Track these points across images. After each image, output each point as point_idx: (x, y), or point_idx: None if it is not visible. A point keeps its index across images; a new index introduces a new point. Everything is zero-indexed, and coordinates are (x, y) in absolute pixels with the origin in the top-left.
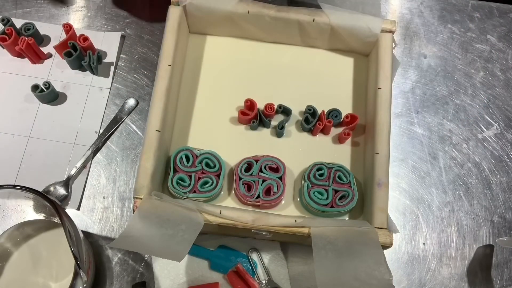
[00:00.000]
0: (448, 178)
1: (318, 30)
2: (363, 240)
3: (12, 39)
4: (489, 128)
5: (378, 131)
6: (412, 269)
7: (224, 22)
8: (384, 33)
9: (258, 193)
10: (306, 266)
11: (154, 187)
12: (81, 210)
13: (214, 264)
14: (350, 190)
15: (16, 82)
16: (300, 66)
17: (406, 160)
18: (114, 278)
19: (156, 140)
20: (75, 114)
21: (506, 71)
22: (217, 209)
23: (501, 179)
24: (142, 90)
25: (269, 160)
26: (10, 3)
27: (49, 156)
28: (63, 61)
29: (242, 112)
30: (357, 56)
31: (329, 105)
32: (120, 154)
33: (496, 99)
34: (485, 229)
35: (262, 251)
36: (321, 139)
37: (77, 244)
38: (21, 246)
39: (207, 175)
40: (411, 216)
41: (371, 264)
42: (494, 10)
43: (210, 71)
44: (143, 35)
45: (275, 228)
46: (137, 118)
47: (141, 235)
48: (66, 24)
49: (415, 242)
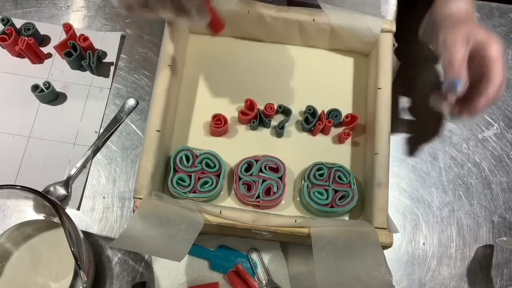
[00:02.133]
0: (448, 178)
1: (318, 30)
2: (363, 240)
3: (12, 39)
4: (489, 128)
5: (378, 131)
6: (412, 269)
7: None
8: (384, 33)
9: (258, 193)
10: (306, 266)
11: (154, 187)
12: (81, 210)
13: (214, 264)
14: (350, 190)
15: (16, 82)
16: (300, 66)
17: (406, 160)
18: (114, 278)
19: (156, 140)
20: (75, 114)
21: (506, 71)
22: (217, 209)
23: (501, 179)
24: (142, 90)
25: (269, 160)
26: (10, 3)
27: (49, 156)
28: (63, 61)
29: (242, 112)
30: (357, 56)
31: (329, 105)
32: (120, 154)
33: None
34: (485, 229)
35: (262, 251)
36: (321, 139)
37: (77, 244)
38: (21, 246)
39: (207, 175)
40: (411, 216)
41: (371, 264)
42: (494, 10)
43: (210, 71)
44: (143, 35)
45: (275, 228)
46: (137, 118)
47: (141, 235)
48: (66, 24)
49: (415, 242)
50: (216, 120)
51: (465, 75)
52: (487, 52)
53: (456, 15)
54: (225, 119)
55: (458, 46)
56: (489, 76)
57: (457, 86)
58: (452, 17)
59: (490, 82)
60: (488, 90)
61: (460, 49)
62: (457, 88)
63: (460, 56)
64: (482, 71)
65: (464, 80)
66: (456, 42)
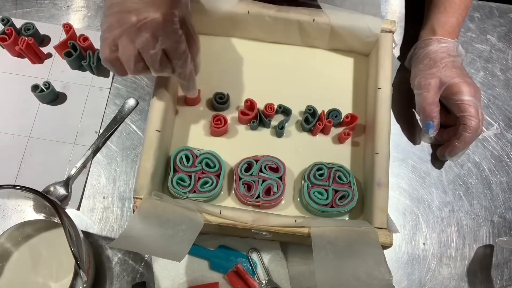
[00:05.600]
0: (448, 178)
1: (318, 30)
2: (363, 240)
3: (12, 39)
4: (489, 128)
5: (378, 131)
6: (412, 269)
7: (224, 22)
8: (384, 33)
9: (258, 193)
10: (306, 266)
11: (154, 187)
12: (81, 210)
13: (214, 264)
14: (350, 190)
15: (16, 82)
16: (300, 66)
17: (406, 160)
18: (114, 278)
19: (156, 140)
20: (75, 114)
21: (506, 71)
22: (217, 209)
23: (501, 179)
24: (142, 90)
25: (269, 160)
26: (10, 3)
27: (49, 156)
28: (63, 61)
29: (242, 112)
30: (357, 56)
31: (329, 105)
32: (120, 154)
33: (496, 99)
34: (485, 229)
35: (262, 251)
36: (321, 139)
37: (77, 244)
38: (21, 246)
39: (207, 175)
40: (411, 216)
41: (371, 264)
42: (494, 10)
43: (210, 71)
44: None
45: (275, 228)
46: (137, 118)
47: (141, 235)
48: (66, 24)
49: (415, 242)
50: (216, 120)
51: (437, 118)
52: (459, 96)
53: (435, 54)
54: (225, 119)
55: (431, 91)
56: (464, 121)
57: (430, 129)
58: (430, 57)
59: (465, 127)
60: (464, 134)
61: (432, 95)
62: (430, 131)
63: (431, 101)
64: (459, 114)
65: (436, 122)
66: (429, 88)
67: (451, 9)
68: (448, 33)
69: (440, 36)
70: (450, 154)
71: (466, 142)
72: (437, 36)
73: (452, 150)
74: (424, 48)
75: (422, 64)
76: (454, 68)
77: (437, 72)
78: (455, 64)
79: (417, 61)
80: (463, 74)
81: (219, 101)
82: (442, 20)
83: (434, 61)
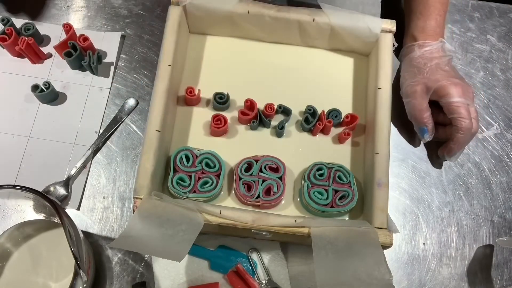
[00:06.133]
0: (448, 178)
1: (318, 30)
2: (363, 240)
3: (12, 39)
4: (489, 128)
5: (378, 131)
6: (412, 269)
7: (224, 22)
8: (384, 33)
9: (258, 193)
10: (306, 266)
11: (154, 187)
12: (81, 210)
13: (214, 264)
14: (350, 190)
15: (16, 82)
16: (300, 66)
17: (406, 160)
18: (114, 278)
19: (156, 140)
20: (75, 114)
21: (506, 71)
22: (217, 209)
23: (501, 179)
24: (142, 90)
25: (269, 160)
26: (10, 3)
27: (49, 156)
28: (63, 61)
29: (242, 112)
30: (357, 56)
31: (329, 105)
32: (120, 154)
33: (496, 99)
34: (485, 229)
35: (262, 251)
36: (321, 139)
37: (77, 244)
38: (21, 246)
39: (207, 175)
40: (411, 216)
41: (371, 264)
42: (494, 10)
43: (210, 71)
44: (143, 35)
45: (275, 228)
46: (137, 118)
47: (141, 235)
48: (66, 24)
49: (415, 242)
50: (216, 120)
51: (429, 123)
52: (447, 98)
53: (418, 60)
54: (225, 119)
55: (418, 98)
56: (455, 122)
57: (425, 134)
58: (414, 64)
59: (457, 129)
60: (457, 135)
61: (419, 101)
62: (425, 135)
63: (420, 107)
64: (449, 116)
65: (430, 127)
66: (415, 95)
67: (426, 12)
68: (429, 36)
69: (421, 41)
70: (448, 155)
71: (460, 142)
72: (419, 41)
73: (449, 152)
74: (407, 55)
75: (407, 72)
76: (440, 70)
77: (422, 79)
78: (441, 66)
79: (403, 69)
80: (450, 75)
81: (219, 101)
82: (420, 26)
83: (417, 67)
